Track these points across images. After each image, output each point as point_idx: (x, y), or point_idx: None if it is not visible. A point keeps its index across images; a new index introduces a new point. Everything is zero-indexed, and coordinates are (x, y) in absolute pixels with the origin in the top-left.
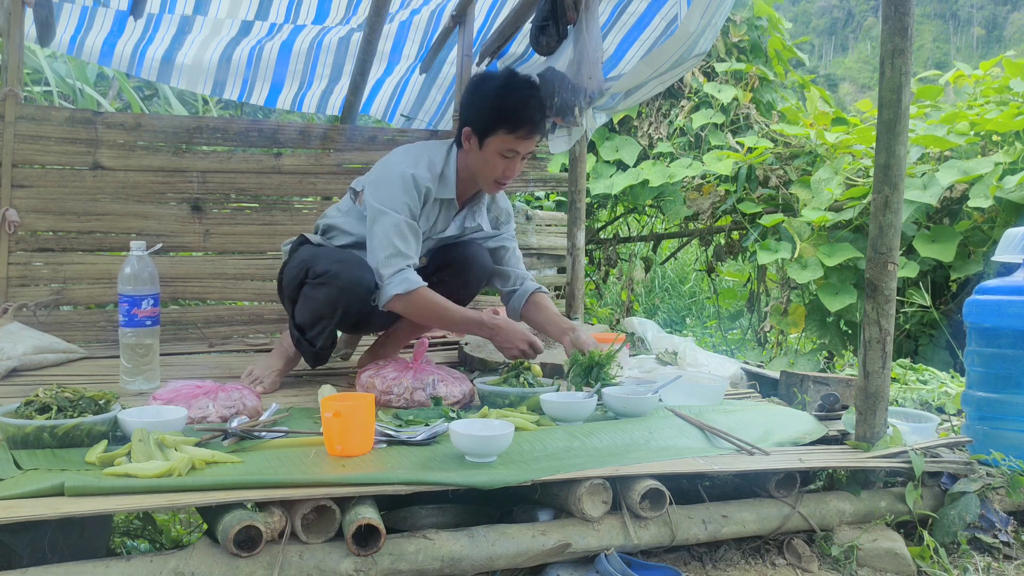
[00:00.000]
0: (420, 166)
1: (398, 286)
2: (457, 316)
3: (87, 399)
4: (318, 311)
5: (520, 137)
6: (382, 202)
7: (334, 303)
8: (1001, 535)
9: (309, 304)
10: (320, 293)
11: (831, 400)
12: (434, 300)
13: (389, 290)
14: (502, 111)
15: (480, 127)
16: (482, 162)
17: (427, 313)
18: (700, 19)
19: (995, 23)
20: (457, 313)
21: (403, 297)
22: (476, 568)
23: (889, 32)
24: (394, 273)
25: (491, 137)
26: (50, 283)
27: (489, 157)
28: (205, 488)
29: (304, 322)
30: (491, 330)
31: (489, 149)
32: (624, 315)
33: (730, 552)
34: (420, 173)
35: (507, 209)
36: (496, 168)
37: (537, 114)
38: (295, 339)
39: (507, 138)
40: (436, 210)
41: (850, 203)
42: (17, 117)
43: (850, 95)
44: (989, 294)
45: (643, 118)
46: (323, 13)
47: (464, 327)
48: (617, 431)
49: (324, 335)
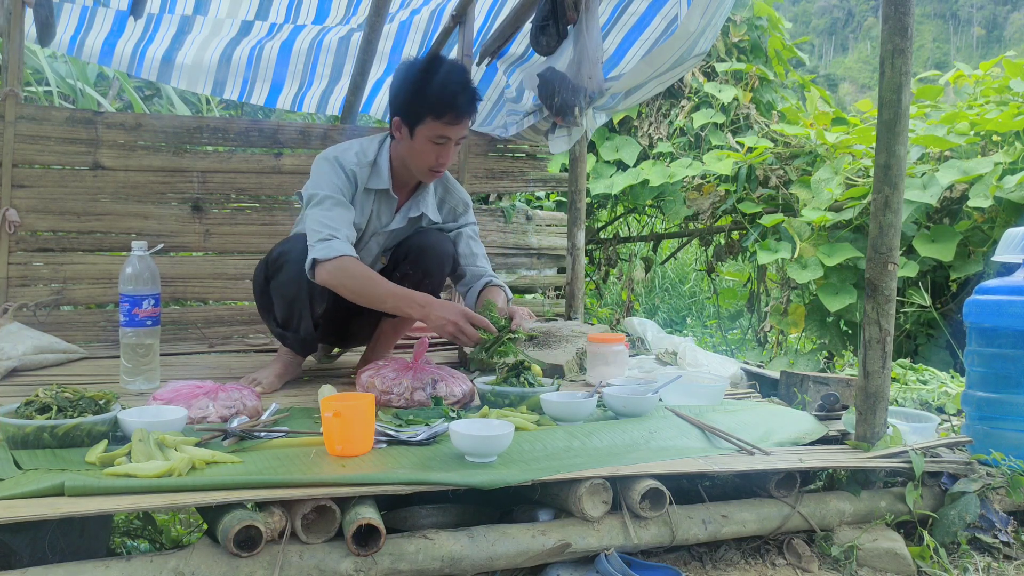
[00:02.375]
0: (347, 153)
1: (320, 251)
2: (384, 290)
3: (87, 399)
4: (287, 295)
5: (448, 123)
6: (311, 185)
7: (297, 281)
8: (1001, 535)
9: (278, 293)
10: (282, 277)
11: (831, 400)
12: (360, 270)
13: (311, 254)
14: (428, 98)
15: (408, 116)
16: (414, 151)
17: (352, 283)
18: (700, 19)
19: (995, 23)
20: (384, 287)
21: (325, 264)
22: (476, 568)
23: (889, 32)
24: (317, 241)
25: (420, 125)
26: (50, 283)
27: (420, 145)
28: (205, 488)
29: (282, 316)
30: (422, 308)
31: (419, 137)
32: (624, 315)
33: (730, 552)
34: (345, 157)
35: (464, 199)
36: (428, 156)
37: (462, 97)
38: (279, 337)
39: (435, 124)
40: (371, 201)
41: (850, 203)
42: (17, 117)
43: (850, 95)
44: (989, 294)
45: (643, 118)
46: (323, 13)
47: (393, 302)
48: (617, 431)
49: (303, 320)
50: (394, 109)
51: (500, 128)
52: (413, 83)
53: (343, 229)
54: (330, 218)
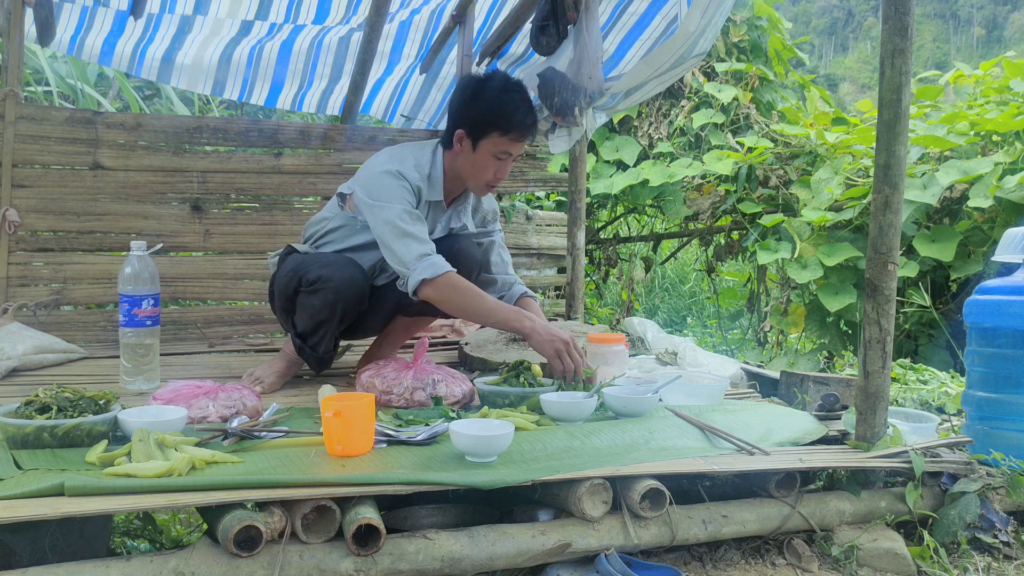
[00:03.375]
0: (407, 166)
1: (425, 271)
2: (491, 306)
3: (87, 399)
4: (317, 317)
5: (513, 139)
6: (379, 198)
7: (332, 307)
8: (1001, 535)
9: (307, 311)
10: (316, 299)
11: (831, 400)
12: (466, 285)
13: (416, 276)
14: (496, 114)
15: (473, 129)
16: (474, 164)
17: (459, 299)
18: (700, 19)
19: (995, 23)
20: (491, 303)
21: (431, 282)
22: (476, 568)
23: (889, 32)
24: (418, 258)
25: (484, 140)
26: (50, 283)
27: (481, 159)
28: (205, 488)
29: (305, 330)
30: (532, 323)
31: (482, 151)
32: (624, 315)
33: (730, 552)
34: (409, 173)
35: (493, 208)
36: (488, 170)
37: (530, 116)
38: (297, 348)
39: (501, 140)
40: (426, 212)
41: (850, 203)
42: (17, 117)
43: (850, 95)
44: (989, 294)
45: (643, 118)
46: (323, 13)
47: (497, 318)
48: (617, 431)
49: (325, 340)
50: (457, 122)
51: None
52: (480, 98)
53: (429, 242)
54: (417, 232)
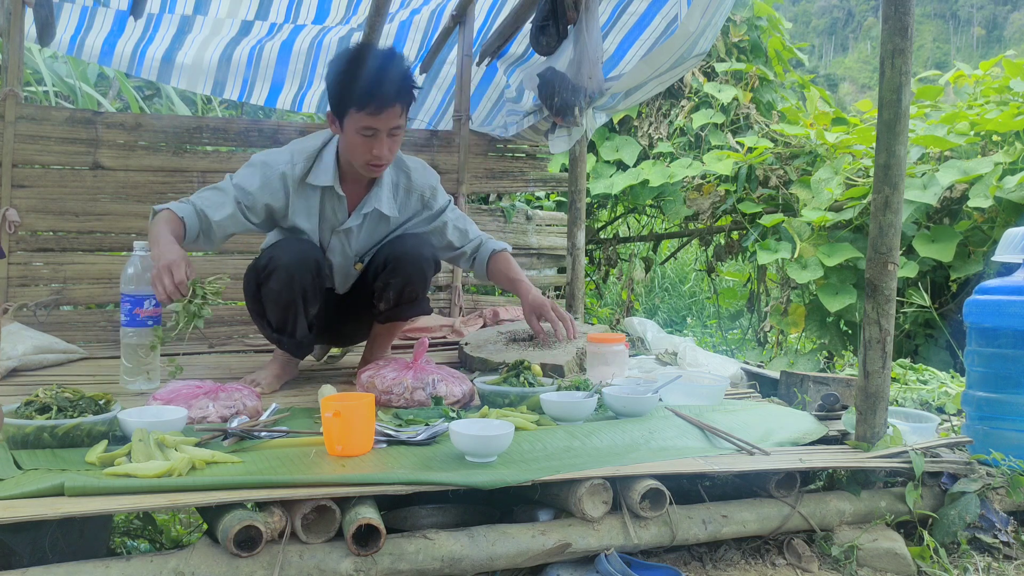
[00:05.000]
0: (280, 153)
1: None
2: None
3: (87, 399)
4: (280, 299)
5: (371, 113)
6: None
7: (289, 284)
8: (1001, 535)
9: (271, 299)
10: (273, 282)
11: (831, 400)
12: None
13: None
14: (351, 89)
15: (336, 108)
16: (347, 145)
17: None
18: (700, 19)
19: (995, 23)
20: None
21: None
22: (476, 568)
23: (889, 32)
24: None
25: (346, 119)
26: (50, 283)
27: (351, 139)
28: (205, 488)
29: (277, 320)
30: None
31: (348, 130)
32: (624, 315)
33: (730, 552)
34: (276, 158)
35: (429, 183)
36: (361, 149)
37: (386, 86)
38: (275, 341)
39: (359, 116)
40: (317, 199)
41: (850, 203)
42: (17, 117)
43: (850, 95)
44: (989, 294)
45: (643, 118)
46: (323, 13)
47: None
48: (617, 431)
49: (298, 322)
50: (328, 103)
51: (500, 128)
52: (339, 74)
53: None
54: (202, 195)
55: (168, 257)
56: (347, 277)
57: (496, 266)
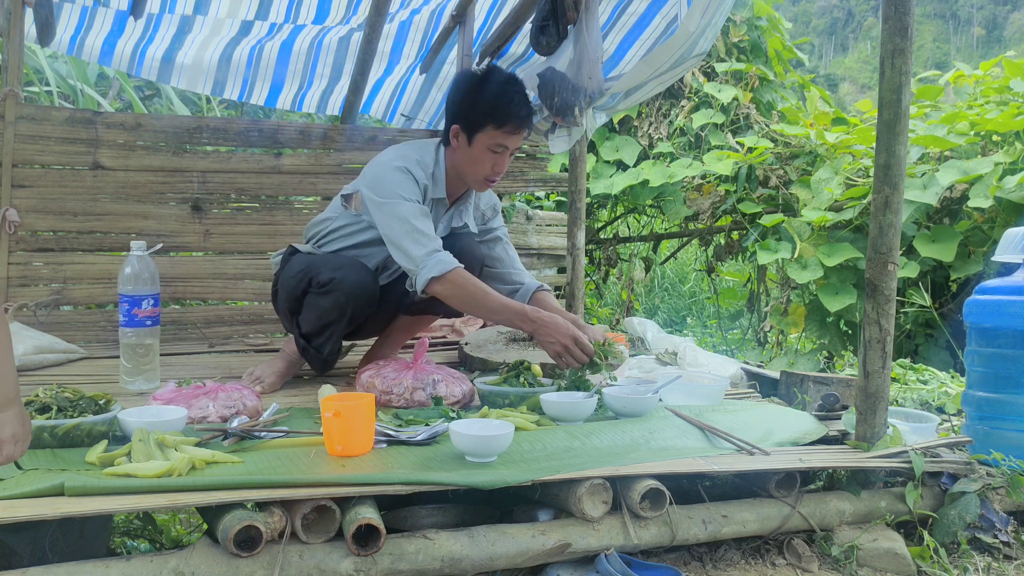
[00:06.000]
0: (411, 163)
1: (434, 268)
2: (497, 303)
3: (87, 399)
4: (325, 318)
5: (508, 132)
6: (386, 195)
7: (341, 309)
8: (1001, 535)
9: (315, 312)
10: (326, 301)
11: (831, 400)
12: (474, 282)
13: (425, 273)
14: (489, 106)
15: (468, 124)
16: (471, 159)
17: (466, 295)
18: (700, 19)
19: (995, 23)
20: (497, 300)
21: (440, 279)
22: (476, 568)
23: (889, 32)
24: (428, 255)
25: (480, 133)
26: (50, 283)
27: (478, 154)
28: (205, 488)
29: (311, 331)
30: (533, 323)
31: (478, 146)
32: (624, 315)
33: (730, 552)
34: (414, 168)
35: (493, 204)
36: (485, 165)
37: (524, 108)
38: (301, 348)
39: (496, 133)
40: (430, 210)
41: (850, 203)
42: (17, 117)
43: (850, 95)
44: (989, 294)
45: (643, 118)
46: (323, 13)
47: (504, 315)
48: (617, 431)
49: (331, 341)
50: (453, 117)
51: None
52: (474, 92)
53: (437, 238)
54: (425, 229)
55: (566, 328)
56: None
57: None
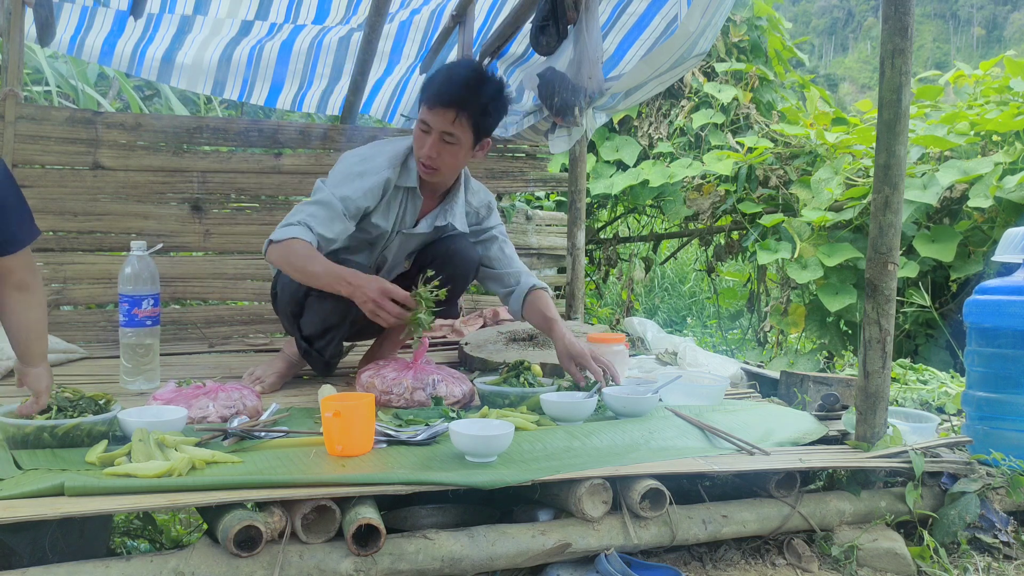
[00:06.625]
0: (376, 160)
1: (277, 234)
2: (321, 268)
3: (87, 399)
4: (327, 321)
5: (428, 108)
6: (325, 182)
7: (343, 312)
8: (1001, 535)
9: (317, 315)
10: (328, 304)
11: (831, 400)
12: (304, 249)
13: (270, 237)
14: (425, 83)
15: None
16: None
17: (290, 261)
18: (700, 19)
19: (995, 23)
20: (320, 264)
21: (276, 244)
22: (476, 568)
23: (889, 32)
24: (285, 224)
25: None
26: (50, 283)
27: (415, 134)
28: (205, 488)
29: (313, 333)
30: (350, 285)
31: (416, 126)
32: (624, 315)
33: (730, 552)
34: (375, 165)
35: (487, 202)
36: (419, 146)
37: (447, 86)
38: (303, 351)
39: (423, 110)
40: (400, 200)
41: (850, 203)
42: (17, 117)
43: (850, 95)
44: (989, 294)
45: (643, 118)
46: (323, 13)
47: (325, 279)
48: (617, 431)
49: (333, 344)
50: None
51: (500, 128)
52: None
53: (318, 228)
54: (312, 215)
55: (373, 284)
56: (391, 271)
57: (534, 303)
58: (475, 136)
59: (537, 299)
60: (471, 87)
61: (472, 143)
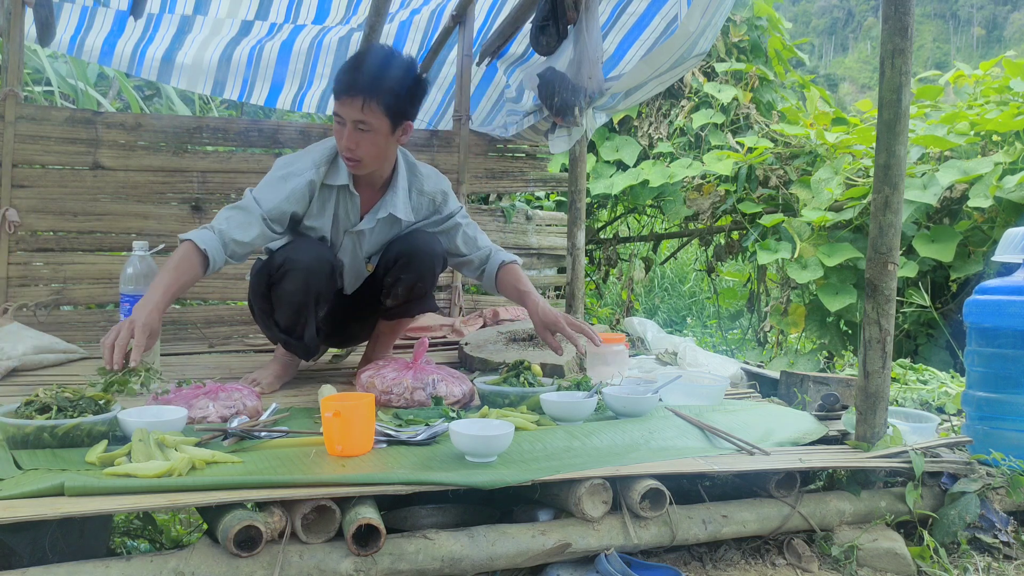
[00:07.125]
0: (302, 162)
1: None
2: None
3: (87, 399)
4: (293, 300)
5: (337, 99)
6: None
7: (305, 285)
8: (1001, 535)
9: (283, 300)
10: (287, 283)
11: (831, 400)
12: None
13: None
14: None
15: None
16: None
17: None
18: (700, 19)
19: (995, 23)
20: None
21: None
22: (476, 568)
23: (889, 32)
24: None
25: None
26: (50, 283)
27: (334, 128)
28: (205, 488)
29: (287, 322)
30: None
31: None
32: (624, 315)
33: (730, 552)
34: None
35: (441, 188)
36: (337, 139)
37: (352, 75)
38: (283, 343)
39: (334, 103)
40: (333, 198)
41: (850, 203)
42: (17, 117)
43: (850, 95)
44: (989, 294)
45: (643, 118)
46: (323, 13)
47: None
48: (617, 431)
49: (308, 325)
50: None
51: (500, 128)
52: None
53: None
54: (228, 218)
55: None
56: (357, 277)
57: (505, 277)
58: (391, 120)
59: (508, 273)
60: (376, 72)
61: (390, 128)
